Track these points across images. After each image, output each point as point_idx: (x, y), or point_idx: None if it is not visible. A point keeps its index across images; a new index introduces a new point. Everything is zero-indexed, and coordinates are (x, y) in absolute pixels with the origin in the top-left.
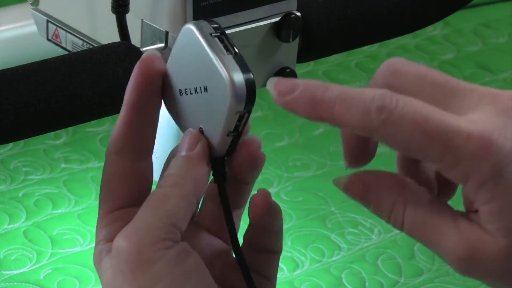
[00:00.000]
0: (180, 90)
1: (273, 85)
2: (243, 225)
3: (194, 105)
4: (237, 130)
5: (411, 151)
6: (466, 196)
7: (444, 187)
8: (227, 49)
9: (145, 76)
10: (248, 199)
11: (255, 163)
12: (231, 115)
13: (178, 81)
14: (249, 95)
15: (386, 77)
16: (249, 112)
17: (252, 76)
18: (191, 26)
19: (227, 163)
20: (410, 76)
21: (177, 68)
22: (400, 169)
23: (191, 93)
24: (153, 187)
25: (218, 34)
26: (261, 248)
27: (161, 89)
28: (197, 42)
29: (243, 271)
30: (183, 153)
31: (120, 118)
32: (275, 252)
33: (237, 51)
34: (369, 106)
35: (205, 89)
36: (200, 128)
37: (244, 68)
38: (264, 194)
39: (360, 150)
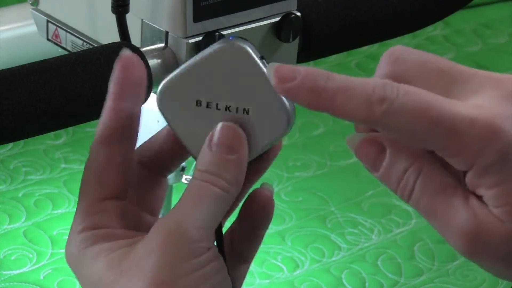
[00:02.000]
0: (198, 101)
1: (273, 70)
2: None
3: (213, 120)
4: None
5: (415, 140)
6: (470, 183)
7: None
8: None
9: (127, 74)
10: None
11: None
12: (271, 144)
13: (199, 91)
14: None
15: (389, 65)
16: None
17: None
18: (243, 46)
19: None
20: (413, 63)
21: (202, 79)
22: None
23: (217, 108)
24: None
25: (264, 59)
26: (247, 233)
27: (147, 87)
28: (253, 65)
29: None
30: (233, 156)
31: (105, 109)
32: (261, 235)
33: None
34: (370, 97)
35: (245, 111)
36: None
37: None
38: (267, 196)
39: None
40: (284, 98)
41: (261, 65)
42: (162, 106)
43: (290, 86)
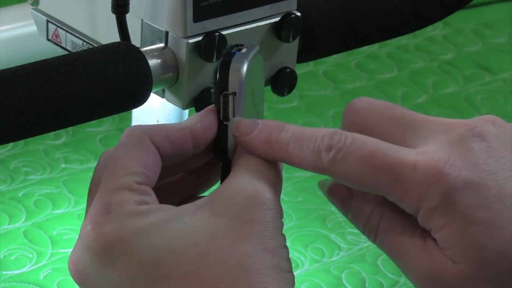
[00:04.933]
0: (252, 90)
1: (234, 126)
2: None
3: (253, 111)
4: None
5: (362, 186)
6: (422, 226)
7: None
8: None
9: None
10: None
11: None
12: None
13: (251, 81)
14: None
15: (351, 115)
16: None
17: None
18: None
19: None
20: (371, 112)
21: (252, 71)
22: None
23: (251, 100)
24: None
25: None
26: None
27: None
28: (262, 73)
29: None
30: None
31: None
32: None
33: None
34: (319, 145)
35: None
36: None
37: None
38: None
39: None
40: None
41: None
42: (243, 80)
43: (246, 140)
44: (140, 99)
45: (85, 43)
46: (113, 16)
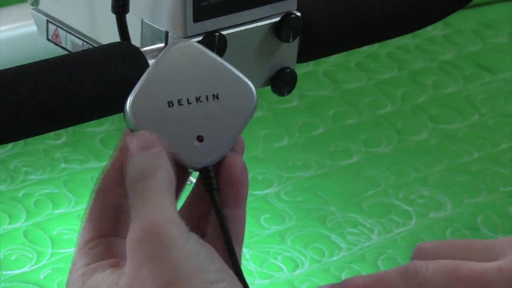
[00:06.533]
0: (169, 102)
1: None
2: None
3: (192, 115)
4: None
5: None
6: None
7: None
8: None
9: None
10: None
11: (235, 184)
12: (248, 120)
13: (167, 92)
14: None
15: (421, 257)
16: None
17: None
18: (190, 43)
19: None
20: (439, 249)
21: (165, 82)
22: None
23: (189, 103)
24: None
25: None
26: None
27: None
28: (205, 54)
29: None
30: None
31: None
32: (243, 211)
33: None
34: (405, 275)
35: (215, 97)
36: (201, 136)
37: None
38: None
39: None
40: (242, 74)
41: (210, 52)
42: (138, 120)
43: None
44: None
45: (85, 43)
46: (113, 16)
